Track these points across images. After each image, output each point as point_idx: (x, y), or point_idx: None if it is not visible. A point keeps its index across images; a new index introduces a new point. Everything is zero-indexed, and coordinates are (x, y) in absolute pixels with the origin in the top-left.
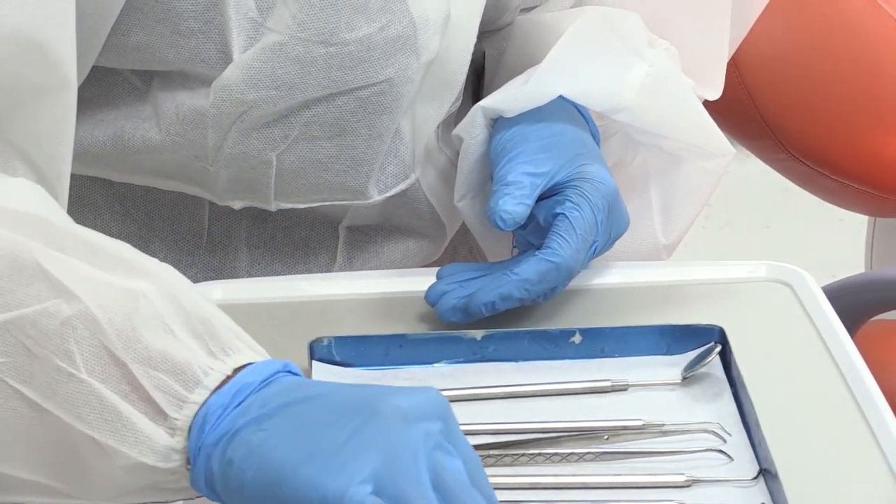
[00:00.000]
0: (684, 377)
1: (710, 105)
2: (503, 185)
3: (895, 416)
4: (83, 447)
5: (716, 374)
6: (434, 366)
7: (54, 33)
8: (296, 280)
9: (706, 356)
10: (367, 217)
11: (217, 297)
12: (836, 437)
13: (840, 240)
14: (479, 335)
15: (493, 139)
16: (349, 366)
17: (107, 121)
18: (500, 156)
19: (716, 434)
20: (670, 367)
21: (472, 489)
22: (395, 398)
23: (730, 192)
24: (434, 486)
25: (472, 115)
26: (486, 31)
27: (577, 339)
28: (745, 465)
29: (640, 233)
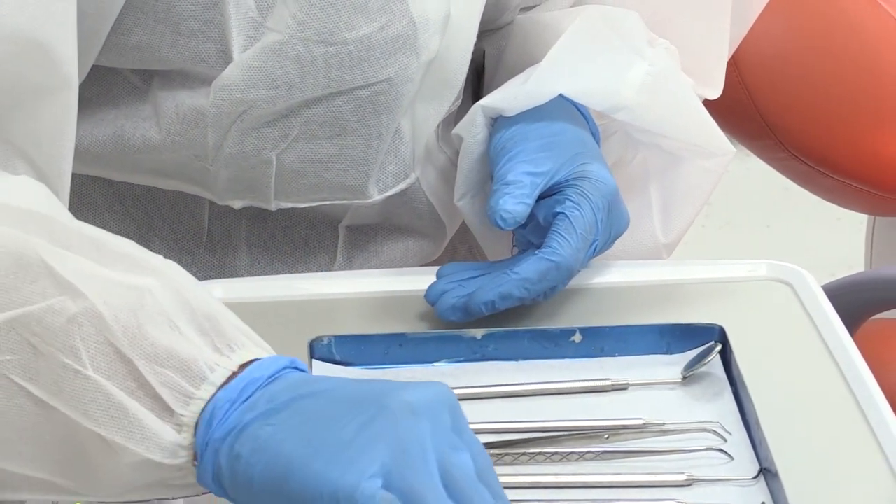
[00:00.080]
0: (684, 376)
1: (710, 104)
2: (503, 185)
3: (895, 414)
4: (89, 444)
5: (716, 373)
6: (434, 365)
7: (55, 33)
8: (296, 279)
9: (706, 355)
10: (366, 216)
11: (217, 297)
12: (837, 437)
13: (840, 239)
14: (479, 334)
15: (493, 138)
16: (349, 365)
17: (107, 120)
18: (500, 155)
19: (716, 433)
20: (670, 366)
21: (479, 484)
22: (404, 392)
23: (730, 191)
24: (442, 481)
25: (471, 114)
26: (486, 31)
27: (577, 338)
28: (746, 464)
29: (640, 232)
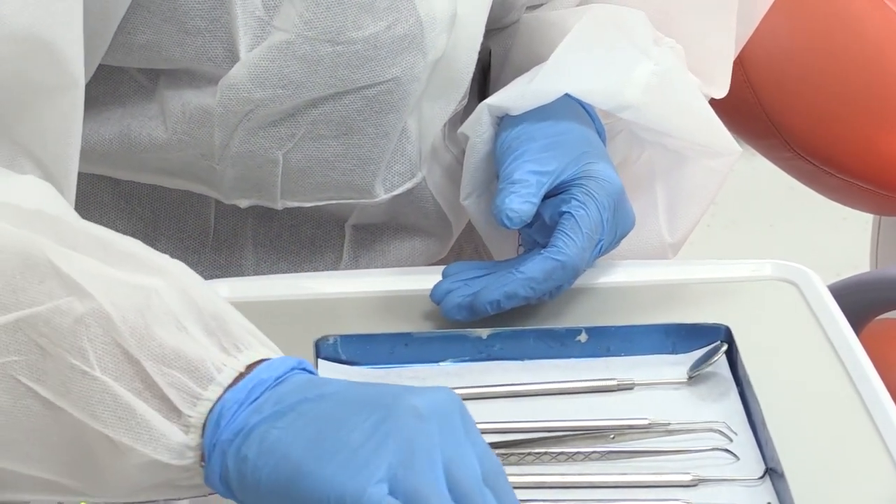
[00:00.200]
0: (690, 376)
1: (715, 104)
2: (509, 184)
3: None
4: (97, 445)
5: (722, 373)
6: (440, 364)
7: (60, 32)
8: (301, 278)
9: (712, 355)
10: (373, 215)
11: (223, 295)
12: (842, 437)
13: (845, 238)
14: (484, 334)
15: (499, 137)
16: (355, 364)
17: (113, 119)
18: (506, 154)
19: (722, 433)
20: (676, 365)
21: (483, 488)
22: (412, 396)
23: (735, 191)
24: (447, 484)
25: (477, 113)
26: (492, 30)
27: (582, 337)
28: (751, 464)
29: (645, 231)
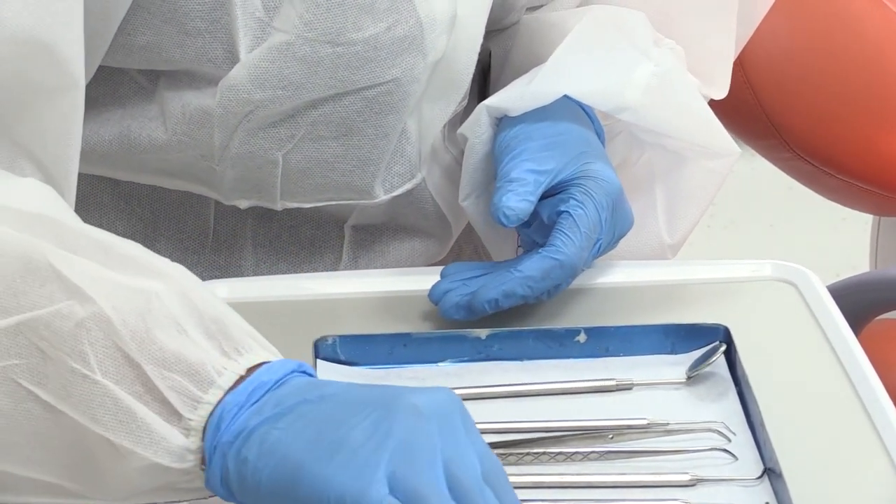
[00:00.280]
0: (689, 376)
1: (715, 104)
2: (507, 182)
3: None
4: (98, 448)
5: (720, 373)
6: (438, 365)
7: (60, 33)
8: (301, 279)
9: (711, 355)
10: (372, 216)
11: (222, 296)
12: (841, 437)
13: (845, 239)
14: (483, 334)
15: (498, 137)
16: (353, 364)
17: (113, 120)
18: (504, 153)
19: (720, 433)
20: (675, 366)
21: (484, 487)
22: (411, 396)
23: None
24: (448, 484)
25: (476, 113)
26: (492, 31)
27: (581, 338)
28: (750, 464)
29: (645, 232)
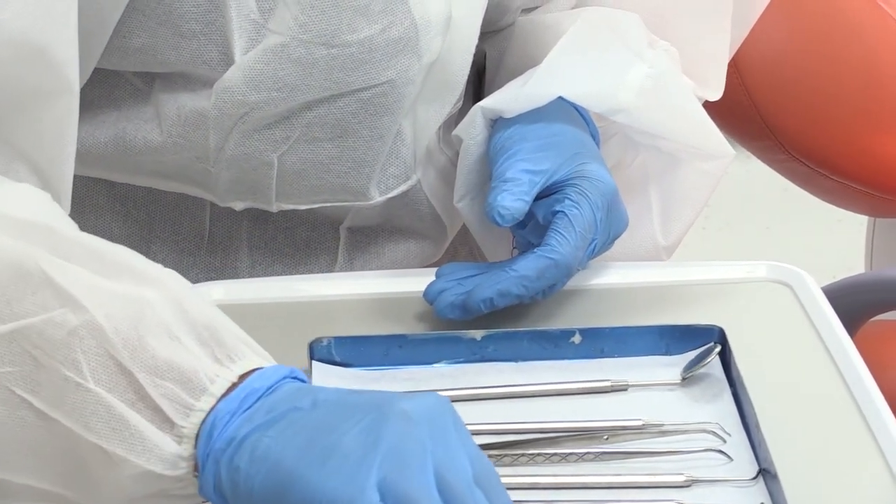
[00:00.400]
0: (684, 377)
1: (710, 106)
2: (501, 182)
3: (894, 416)
4: (91, 456)
5: (715, 374)
6: (434, 366)
7: (56, 37)
8: (296, 280)
9: (706, 356)
10: (368, 218)
11: (218, 298)
12: (836, 438)
13: (841, 241)
14: (478, 335)
15: (493, 138)
16: (349, 366)
17: (108, 122)
18: (499, 154)
19: (715, 434)
20: (670, 367)
21: (475, 489)
22: (401, 402)
23: (730, 193)
24: (438, 487)
25: (471, 115)
26: (487, 32)
27: (576, 339)
28: (745, 465)
29: (639, 234)
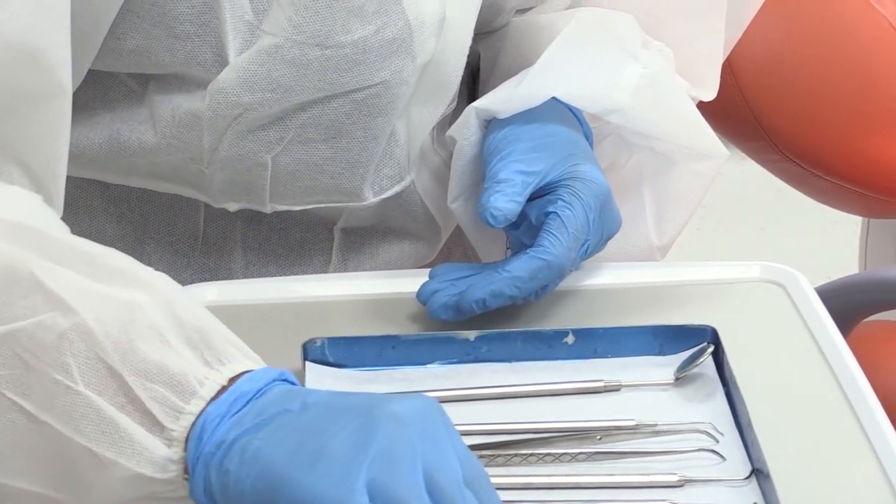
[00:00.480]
0: (677, 377)
1: (704, 107)
2: (494, 183)
3: (887, 416)
4: (81, 459)
5: (708, 374)
6: (427, 366)
7: (49, 40)
8: (290, 281)
9: (699, 356)
10: (362, 219)
11: (212, 299)
12: (829, 438)
13: (836, 241)
14: (472, 336)
15: (486, 139)
16: (342, 367)
17: (103, 123)
18: (493, 155)
19: (708, 434)
20: (663, 367)
21: (465, 490)
22: (390, 404)
23: (725, 194)
24: (427, 488)
25: (465, 116)
26: (481, 33)
27: (570, 339)
28: (738, 464)
29: (633, 234)
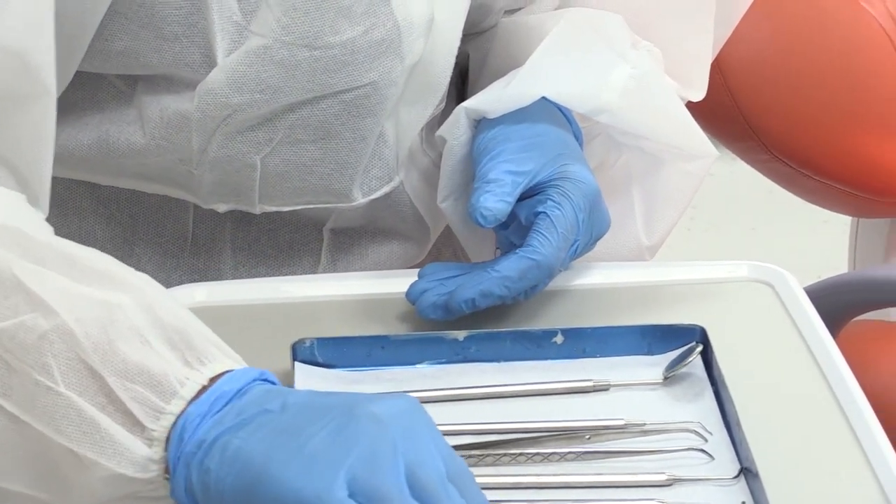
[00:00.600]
0: (666, 377)
1: (693, 107)
2: (484, 183)
3: (876, 415)
4: (62, 459)
5: (697, 373)
6: (416, 367)
7: (32, 43)
8: (279, 282)
9: (687, 356)
10: (351, 219)
11: (201, 299)
12: (817, 436)
13: (826, 241)
14: (461, 336)
15: (476, 139)
16: (331, 367)
17: (92, 124)
18: (483, 154)
19: (697, 433)
20: (652, 366)
21: (448, 485)
22: (370, 404)
23: (715, 195)
24: (409, 484)
25: (455, 115)
26: (470, 34)
27: (559, 339)
28: (726, 463)
29: (623, 234)
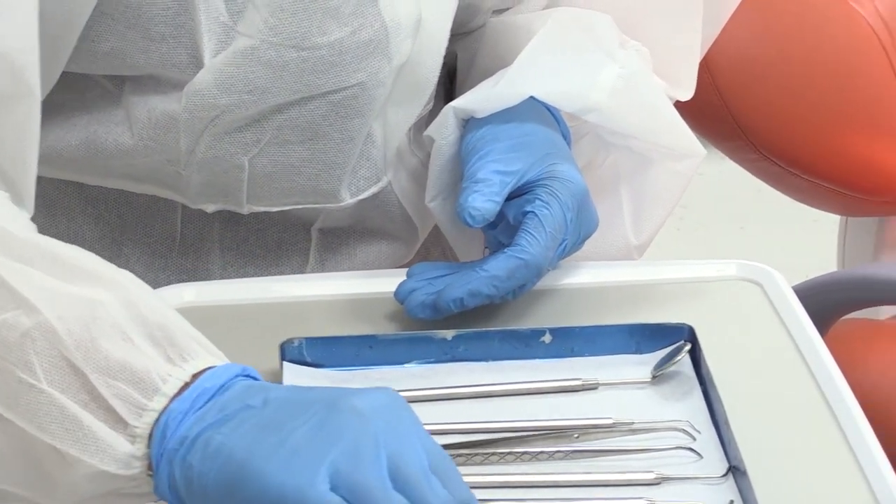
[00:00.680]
0: (654, 376)
1: (681, 106)
2: (472, 183)
3: (864, 414)
4: (45, 457)
5: (685, 372)
6: (405, 366)
7: (16, 44)
8: (267, 281)
9: (676, 355)
10: (339, 219)
11: (190, 300)
12: (806, 435)
13: (816, 240)
14: (449, 335)
15: (465, 139)
16: (320, 367)
17: (79, 125)
18: (471, 154)
19: (685, 432)
20: (640, 365)
21: (430, 475)
22: (352, 398)
23: (704, 194)
24: (392, 477)
25: (443, 115)
26: (458, 34)
27: (547, 338)
28: (715, 462)
29: (611, 233)
